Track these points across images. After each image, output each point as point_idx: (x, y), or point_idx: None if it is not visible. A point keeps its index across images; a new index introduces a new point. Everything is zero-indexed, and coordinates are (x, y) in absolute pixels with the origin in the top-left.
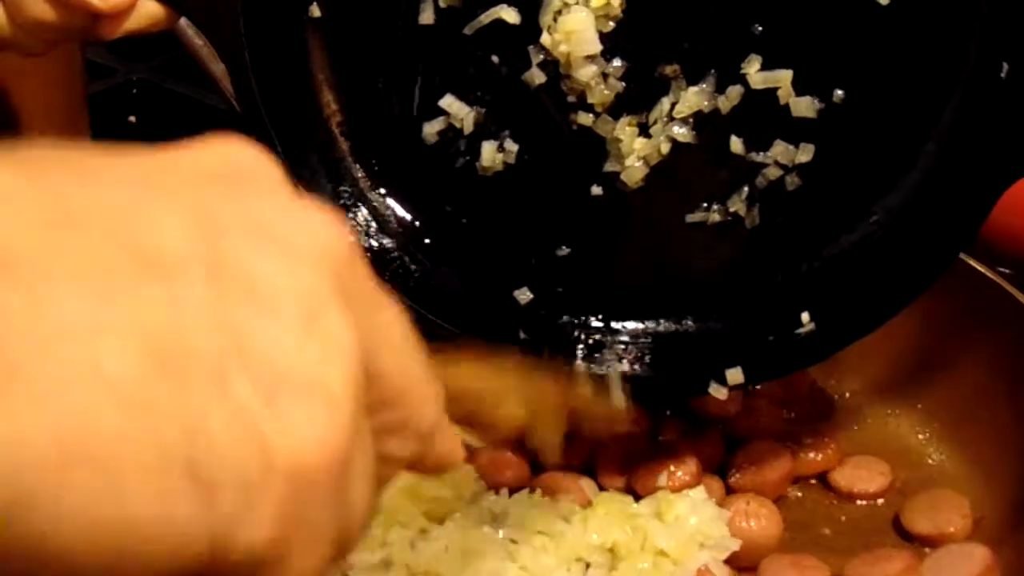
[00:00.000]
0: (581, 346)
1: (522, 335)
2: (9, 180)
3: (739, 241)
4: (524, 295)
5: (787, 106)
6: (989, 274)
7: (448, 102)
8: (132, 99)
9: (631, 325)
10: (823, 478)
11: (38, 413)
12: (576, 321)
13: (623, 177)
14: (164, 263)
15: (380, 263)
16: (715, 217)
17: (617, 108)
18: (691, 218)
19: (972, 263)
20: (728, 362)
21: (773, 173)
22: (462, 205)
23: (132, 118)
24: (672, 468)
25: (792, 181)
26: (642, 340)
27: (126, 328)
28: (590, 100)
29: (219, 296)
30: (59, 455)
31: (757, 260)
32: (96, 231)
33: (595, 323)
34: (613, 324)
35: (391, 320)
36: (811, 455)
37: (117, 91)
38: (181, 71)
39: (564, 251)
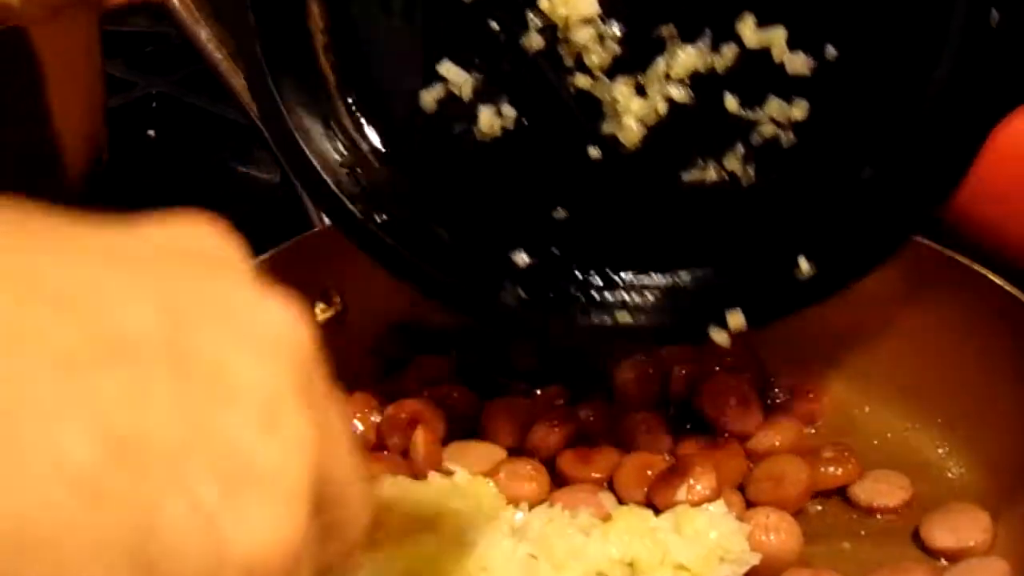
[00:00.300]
0: (580, 302)
1: (522, 294)
2: None
3: (736, 198)
4: (521, 257)
5: (782, 64)
6: (1012, 290)
7: (447, 68)
8: (151, 113)
9: (629, 278)
10: (843, 492)
11: None
12: (574, 278)
13: (621, 138)
14: (129, 347)
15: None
16: (711, 175)
17: (614, 70)
18: (688, 177)
19: (994, 278)
20: (728, 307)
21: (768, 130)
22: (459, 171)
23: (151, 132)
24: (691, 482)
25: (787, 138)
26: (642, 292)
27: (87, 413)
28: (588, 63)
29: (182, 385)
30: (11, 539)
31: (754, 214)
32: (63, 310)
33: (594, 280)
34: (612, 279)
35: (340, 420)
36: (831, 469)
37: (136, 105)
38: (201, 85)
39: (561, 213)
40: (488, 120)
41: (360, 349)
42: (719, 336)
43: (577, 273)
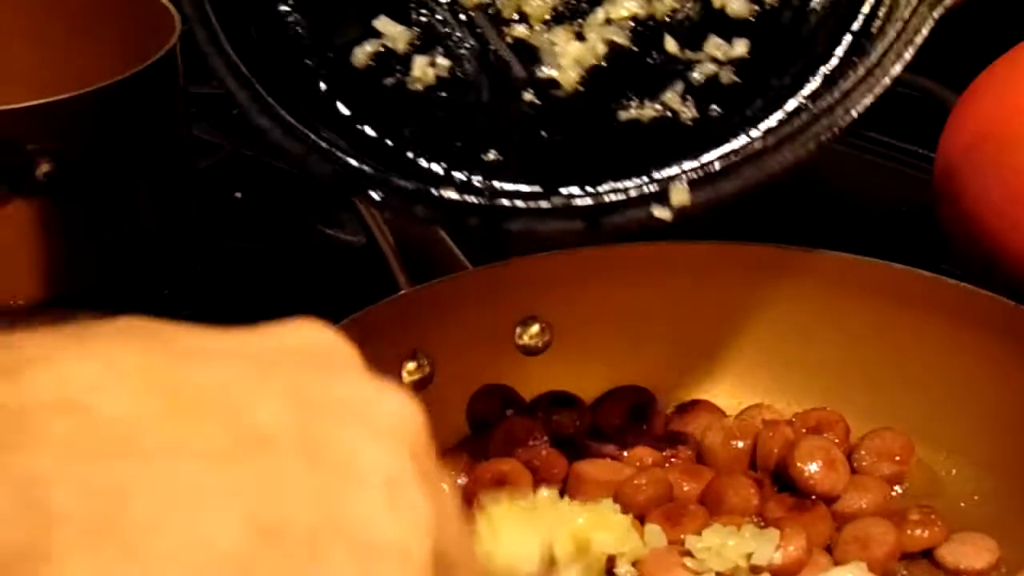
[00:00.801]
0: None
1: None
2: (127, 359)
3: (673, 131)
4: (450, 193)
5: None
6: None
7: (382, 24)
8: (237, 175)
9: (567, 191)
10: (929, 555)
11: None
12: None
13: (559, 79)
14: (262, 440)
15: None
16: (649, 113)
17: (553, 20)
18: (624, 116)
19: None
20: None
21: (708, 69)
22: (389, 120)
23: (238, 194)
24: (781, 544)
25: (727, 76)
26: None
27: (231, 503)
28: (527, 12)
29: (315, 472)
30: None
31: (692, 142)
32: (202, 409)
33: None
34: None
35: (450, 496)
36: (917, 531)
37: (222, 167)
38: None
39: (492, 155)
40: (421, 70)
41: (447, 411)
42: (662, 212)
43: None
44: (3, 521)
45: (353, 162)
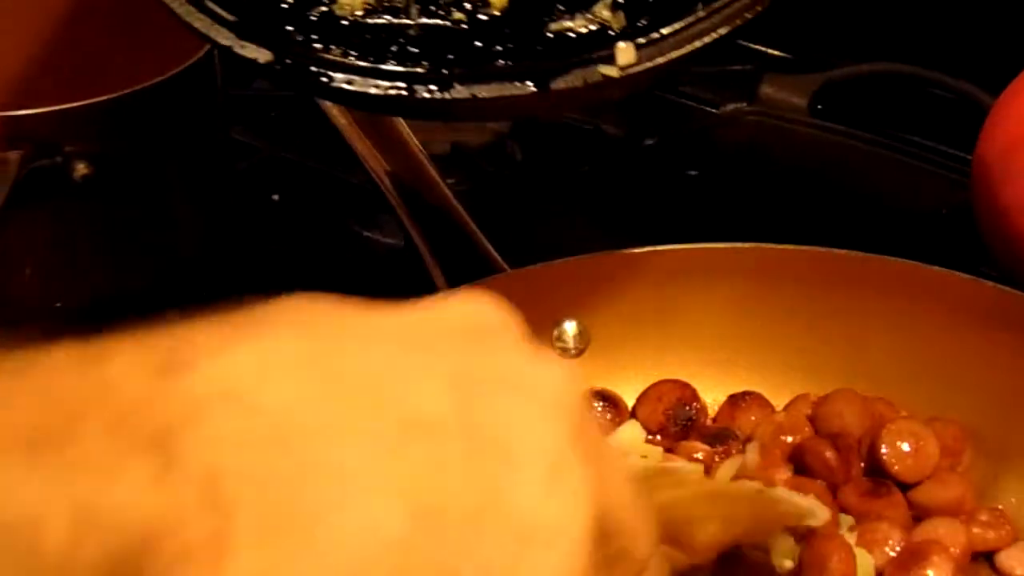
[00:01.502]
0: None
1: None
2: (289, 346)
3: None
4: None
5: None
6: None
7: None
8: (275, 177)
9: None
10: (991, 558)
11: (322, 569)
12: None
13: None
14: (424, 424)
15: None
16: (580, 24)
17: None
18: (555, 27)
19: None
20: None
21: None
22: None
23: (276, 196)
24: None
25: None
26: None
27: (394, 488)
28: None
29: (474, 455)
30: None
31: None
32: (364, 395)
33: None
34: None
35: (613, 462)
36: (983, 532)
37: (261, 169)
38: (323, 150)
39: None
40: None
41: None
42: (609, 70)
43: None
44: (184, 514)
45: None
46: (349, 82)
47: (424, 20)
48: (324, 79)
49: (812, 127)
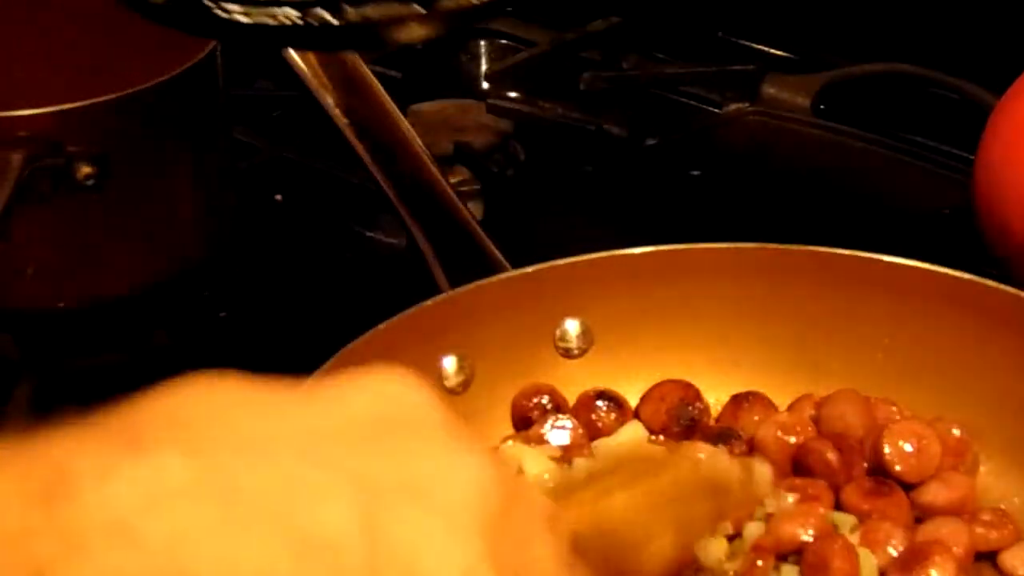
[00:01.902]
0: None
1: None
2: (176, 467)
3: None
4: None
5: None
6: None
7: None
8: (277, 177)
9: None
10: (993, 558)
11: None
12: None
13: None
14: (326, 547)
15: None
16: None
17: None
18: None
19: None
20: None
21: None
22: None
23: (278, 196)
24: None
25: None
26: None
27: None
28: None
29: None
30: None
31: None
32: (258, 521)
33: None
34: None
35: (544, 551)
36: (985, 532)
37: (263, 169)
38: (325, 150)
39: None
40: None
41: (487, 413)
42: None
43: None
44: None
45: None
46: (246, 14)
47: None
48: (219, 11)
49: (814, 127)
